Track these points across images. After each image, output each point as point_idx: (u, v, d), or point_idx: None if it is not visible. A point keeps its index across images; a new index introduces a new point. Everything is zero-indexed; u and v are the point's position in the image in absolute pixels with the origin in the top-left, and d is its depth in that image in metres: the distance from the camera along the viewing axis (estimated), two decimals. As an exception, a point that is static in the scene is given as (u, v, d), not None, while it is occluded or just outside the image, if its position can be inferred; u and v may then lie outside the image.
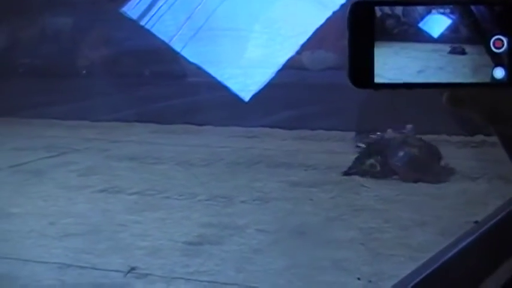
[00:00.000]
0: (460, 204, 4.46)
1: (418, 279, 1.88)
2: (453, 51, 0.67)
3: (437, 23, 0.66)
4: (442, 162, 5.09)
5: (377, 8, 0.66)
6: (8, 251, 3.95)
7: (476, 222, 3.39)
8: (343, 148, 5.97)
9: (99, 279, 3.52)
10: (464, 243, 2.14)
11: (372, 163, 5.12)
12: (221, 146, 6.26)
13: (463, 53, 0.67)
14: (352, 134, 6.16)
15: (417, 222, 4.16)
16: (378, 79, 0.66)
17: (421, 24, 0.67)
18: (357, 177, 5.16)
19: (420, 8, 0.66)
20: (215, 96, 7.16)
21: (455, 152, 5.53)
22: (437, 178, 4.88)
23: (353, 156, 5.68)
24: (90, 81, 8.00)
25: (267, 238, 4.04)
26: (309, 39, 7.16)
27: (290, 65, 7.18)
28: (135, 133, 6.92)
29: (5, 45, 9.23)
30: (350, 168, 5.18)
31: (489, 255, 2.16)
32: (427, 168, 5.00)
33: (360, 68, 0.66)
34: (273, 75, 7.29)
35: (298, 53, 7.24)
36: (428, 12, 0.66)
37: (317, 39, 7.04)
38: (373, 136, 5.37)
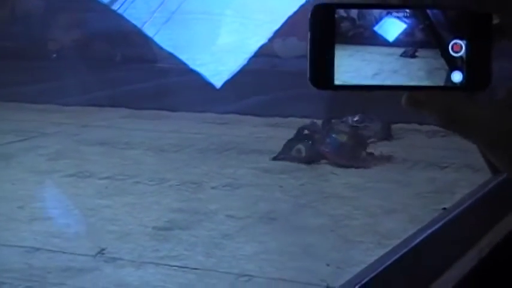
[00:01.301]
0: (428, 192, 4.51)
1: (385, 265, 1.90)
2: (405, 55, 0.68)
3: (393, 26, 0.67)
4: (367, 150, 5.26)
5: (337, 11, 0.67)
6: (-24, 234, 3.93)
7: (444, 209, 3.43)
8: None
9: (67, 262, 3.51)
10: (431, 230, 2.16)
11: (299, 148, 5.22)
12: (192, 132, 6.26)
13: (414, 56, 0.68)
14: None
15: (386, 210, 4.20)
16: (337, 81, 0.67)
17: (376, 28, 0.68)
18: (326, 165, 5.19)
19: (376, 12, 0.67)
20: (186, 82, 7.18)
21: (425, 141, 5.59)
22: (363, 164, 5.06)
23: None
24: (61, 64, 7.93)
25: (236, 224, 4.05)
26: (280, 27, 7.18)
27: (261, 52, 7.22)
28: (105, 118, 6.89)
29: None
30: (279, 153, 5.27)
31: (456, 242, 2.19)
32: (353, 154, 5.12)
33: (321, 69, 0.67)
34: (245, 62, 7.34)
35: (270, 40, 7.25)
36: (384, 15, 0.67)
37: (289, 27, 7.04)
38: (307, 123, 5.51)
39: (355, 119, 5.76)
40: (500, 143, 0.64)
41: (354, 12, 0.66)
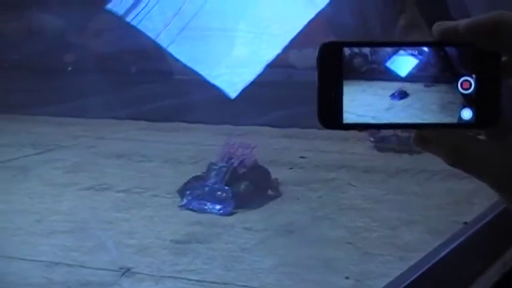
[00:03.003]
0: (446, 203, 4.48)
1: (409, 281, 1.89)
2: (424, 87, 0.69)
3: (405, 62, 0.68)
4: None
5: (345, 48, 0.68)
6: (-5, 248, 3.94)
7: (465, 223, 3.41)
8: (331, 147, 5.99)
9: (87, 277, 3.51)
10: (454, 244, 2.15)
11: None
12: (209, 144, 6.25)
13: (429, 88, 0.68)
14: (342, 132, 6.18)
15: (404, 222, 4.18)
16: (346, 116, 0.67)
17: (388, 63, 0.68)
18: (344, 176, 5.18)
19: (388, 49, 0.68)
20: (203, 94, 7.20)
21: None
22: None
23: (340, 155, 5.72)
24: (76, 77, 7.96)
25: (254, 236, 4.04)
26: (296, 37, 7.18)
27: (277, 64, 7.22)
28: (121, 130, 6.90)
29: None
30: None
31: (479, 256, 2.17)
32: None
33: (329, 108, 0.67)
34: (260, 73, 7.33)
35: (285, 51, 7.25)
36: (396, 52, 0.68)
37: (305, 38, 7.05)
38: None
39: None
40: (510, 185, 0.63)
41: (366, 49, 0.67)
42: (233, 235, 4.08)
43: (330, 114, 0.67)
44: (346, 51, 0.67)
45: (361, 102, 0.67)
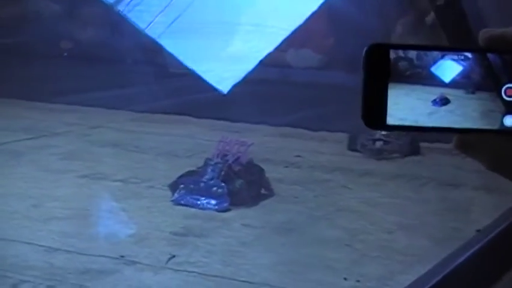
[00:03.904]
0: (442, 209, 4.52)
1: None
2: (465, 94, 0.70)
3: (450, 68, 0.69)
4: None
5: (391, 51, 0.69)
6: (-7, 230, 3.93)
7: (478, 231, 3.44)
8: (326, 149, 6.02)
9: (87, 264, 3.51)
10: (467, 253, 2.18)
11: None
12: (205, 139, 6.26)
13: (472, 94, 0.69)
14: (337, 134, 6.25)
15: (401, 226, 4.21)
16: (389, 118, 0.69)
17: (433, 69, 0.70)
18: (339, 178, 5.21)
19: (433, 53, 0.69)
20: (197, 89, 7.20)
21: (442, 159, 5.60)
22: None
23: (334, 157, 5.75)
24: (71, 63, 7.93)
25: (252, 232, 4.06)
26: (294, 38, 7.19)
27: (274, 62, 7.25)
28: (115, 120, 6.88)
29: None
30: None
31: (492, 265, 2.20)
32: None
33: (373, 108, 0.68)
34: (253, 70, 7.35)
35: (282, 50, 7.27)
36: (441, 57, 0.69)
37: (302, 38, 7.08)
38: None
39: (383, 132, 5.70)
40: None
41: (412, 53, 0.68)
42: (231, 230, 4.09)
43: (373, 114, 0.68)
44: (392, 54, 0.68)
45: (404, 106, 0.68)
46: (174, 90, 7.57)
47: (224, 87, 7.58)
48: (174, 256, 3.61)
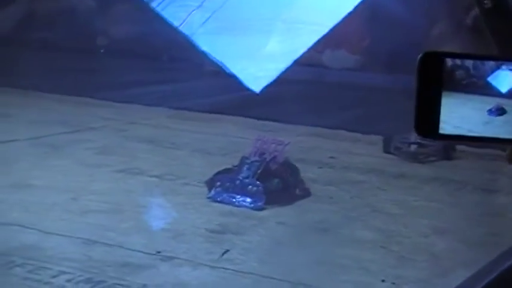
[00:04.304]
0: (478, 215, 4.50)
1: None
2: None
3: (507, 78, 0.68)
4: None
5: (447, 59, 0.68)
6: (33, 221, 3.98)
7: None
8: (360, 150, 6.02)
9: (125, 258, 3.54)
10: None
11: None
12: (238, 137, 6.28)
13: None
14: (371, 136, 6.26)
15: (436, 229, 4.20)
16: (443, 126, 0.67)
17: (490, 79, 0.69)
18: (373, 180, 5.21)
19: (490, 63, 0.68)
20: (230, 87, 7.23)
21: (472, 163, 5.57)
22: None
23: (368, 159, 5.73)
24: (107, 59, 7.99)
25: (288, 231, 4.07)
26: (330, 38, 7.16)
27: (310, 62, 7.25)
28: (150, 117, 6.93)
29: (21, 18, 9.21)
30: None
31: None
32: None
33: (426, 118, 0.67)
34: (289, 70, 7.33)
35: (318, 51, 7.28)
36: (498, 67, 0.68)
37: (339, 39, 7.09)
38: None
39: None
40: None
41: (468, 62, 0.68)
42: (266, 229, 4.11)
43: (426, 123, 0.67)
44: (448, 62, 0.68)
45: (459, 114, 0.68)
46: (209, 88, 7.60)
47: (257, 86, 7.60)
48: (228, 251, 3.64)
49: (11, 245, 3.63)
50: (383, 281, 3.43)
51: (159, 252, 3.64)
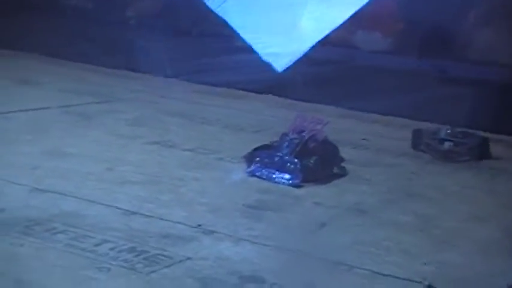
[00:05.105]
0: (516, 204, 4.46)
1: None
2: None
3: None
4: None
5: None
6: (70, 189, 3.96)
7: None
8: (392, 133, 5.98)
9: (166, 229, 3.52)
10: None
11: None
12: (269, 115, 6.25)
13: None
14: (403, 120, 6.23)
15: (474, 216, 4.16)
16: None
17: None
18: (407, 163, 5.16)
19: None
20: (256, 62, 7.17)
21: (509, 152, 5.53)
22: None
23: (401, 143, 5.68)
24: (136, 32, 7.94)
25: (326, 212, 4.04)
26: (363, 19, 7.10)
27: (341, 43, 7.18)
28: (178, 90, 6.90)
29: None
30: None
31: None
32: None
33: None
34: (314, 48, 7.28)
35: (350, 32, 7.20)
36: None
37: (372, 21, 7.01)
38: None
39: (448, 131, 5.31)
40: None
41: None
42: (304, 207, 4.08)
43: None
44: None
45: None
46: (237, 64, 7.55)
47: (280, 65, 7.53)
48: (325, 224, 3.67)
49: (52, 211, 3.61)
50: (425, 264, 3.40)
51: (199, 225, 3.61)
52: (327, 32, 7.47)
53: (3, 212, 3.53)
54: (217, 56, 7.76)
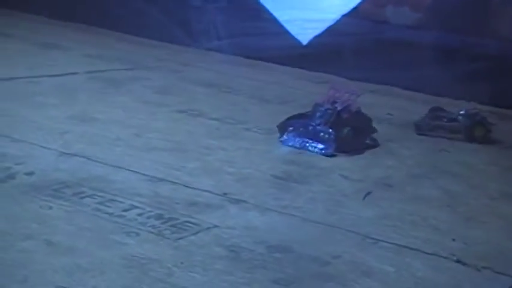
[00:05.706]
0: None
1: None
2: None
3: None
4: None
5: None
6: (98, 154, 3.96)
7: None
8: (416, 108, 5.93)
9: (193, 197, 3.52)
10: None
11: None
12: (293, 87, 6.22)
13: None
14: (426, 96, 6.18)
15: (502, 193, 4.13)
16: None
17: None
18: (434, 139, 5.12)
19: None
20: (281, 35, 7.13)
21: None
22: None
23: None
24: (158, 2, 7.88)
25: (352, 185, 4.02)
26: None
27: (370, 17, 7.12)
28: (203, 60, 6.87)
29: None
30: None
31: None
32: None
33: None
34: (341, 21, 7.17)
35: (380, 5, 7.13)
36: None
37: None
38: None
39: (462, 112, 5.13)
40: None
41: None
42: (332, 179, 4.07)
43: None
44: None
45: None
46: (263, 34, 7.50)
47: (304, 38, 7.49)
48: (370, 193, 3.74)
49: (80, 175, 3.62)
50: (453, 240, 3.38)
51: (225, 194, 3.61)
52: (352, 5, 7.43)
53: (32, 175, 3.54)
54: (244, 28, 7.72)
